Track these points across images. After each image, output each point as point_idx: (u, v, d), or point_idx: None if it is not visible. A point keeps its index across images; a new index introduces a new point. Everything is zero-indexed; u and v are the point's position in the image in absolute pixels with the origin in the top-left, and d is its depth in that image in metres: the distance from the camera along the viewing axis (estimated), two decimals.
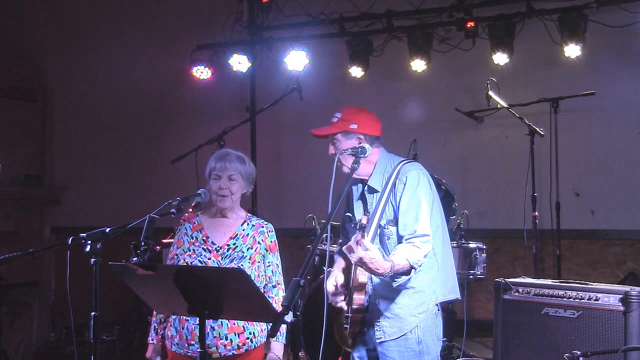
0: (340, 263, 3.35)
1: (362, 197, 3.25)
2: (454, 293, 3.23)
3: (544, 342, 3.55)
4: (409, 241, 3.00)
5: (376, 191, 3.16)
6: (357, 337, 3.27)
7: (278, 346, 3.32)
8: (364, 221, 2.77)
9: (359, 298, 3.06)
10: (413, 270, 2.94)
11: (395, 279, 2.98)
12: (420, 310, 3.09)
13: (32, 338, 6.93)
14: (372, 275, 3.11)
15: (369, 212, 3.13)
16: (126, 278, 2.70)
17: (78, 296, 2.90)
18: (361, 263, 2.79)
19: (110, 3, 7.58)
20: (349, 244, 2.86)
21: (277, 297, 3.33)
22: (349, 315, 3.19)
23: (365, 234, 2.79)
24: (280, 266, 3.42)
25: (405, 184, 3.07)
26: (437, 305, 3.14)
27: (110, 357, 5.78)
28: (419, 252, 2.95)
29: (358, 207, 3.27)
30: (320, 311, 2.93)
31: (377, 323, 3.13)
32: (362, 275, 3.01)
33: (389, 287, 3.09)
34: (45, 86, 7.90)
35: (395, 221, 3.07)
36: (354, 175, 3.19)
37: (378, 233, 3.10)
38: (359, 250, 2.76)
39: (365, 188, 3.21)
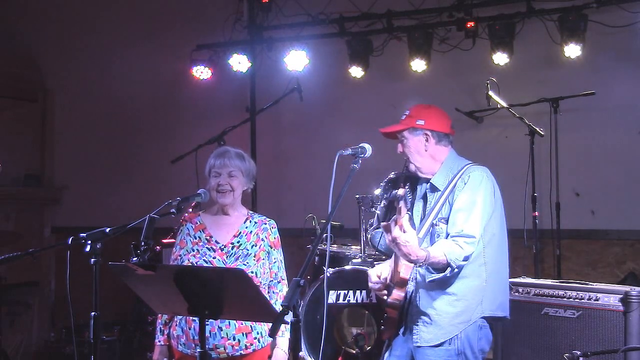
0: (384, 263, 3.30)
1: (424, 197, 3.17)
2: (503, 310, 3.10)
3: (544, 342, 3.55)
4: (453, 239, 2.90)
5: (438, 190, 3.08)
6: (391, 340, 3.18)
7: (283, 341, 3.33)
8: (400, 192, 2.66)
9: (397, 294, 2.98)
10: (449, 269, 2.84)
11: (430, 273, 2.89)
12: (461, 320, 2.98)
13: (32, 338, 6.93)
14: (417, 273, 3.03)
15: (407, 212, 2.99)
16: (126, 278, 2.70)
17: (78, 296, 2.90)
18: (394, 244, 2.69)
19: (110, 3, 7.58)
20: (387, 222, 2.75)
21: (281, 293, 3.36)
22: (386, 313, 3.12)
23: (403, 214, 2.68)
24: (283, 262, 3.45)
25: (466, 183, 3.00)
26: (483, 318, 3.02)
27: (110, 357, 5.78)
28: (460, 251, 2.84)
29: (418, 206, 3.20)
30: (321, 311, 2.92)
31: (415, 327, 3.04)
32: (404, 271, 2.93)
33: (432, 290, 3.00)
34: (45, 86, 7.90)
35: (447, 219, 2.98)
36: (420, 175, 3.16)
37: (430, 231, 3.02)
38: (395, 230, 2.67)
39: (428, 186, 3.13)
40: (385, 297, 3.13)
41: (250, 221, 3.39)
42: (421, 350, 3.03)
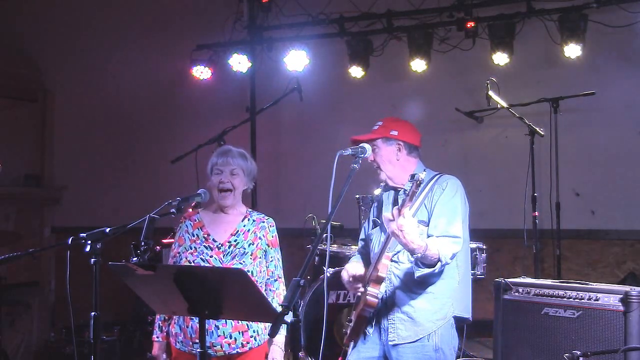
0: (356, 263, 3.35)
1: (395, 203, 3.24)
2: (467, 312, 3.22)
3: (544, 342, 3.54)
4: (440, 238, 2.98)
5: None
6: (357, 342, 3.21)
7: (279, 337, 3.35)
8: (422, 176, 2.67)
9: (373, 291, 3.01)
10: (439, 264, 2.90)
11: (419, 267, 2.93)
12: (438, 317, 3.07)
13: (32, 338, 6.93)
14: (391, 274, 3.10)
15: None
16: (126, 278, 2.70)
17: (78, 296, 2.90)
18: (399, 232, 2.74)
19: (110, 3, 7.58)
20: (390, 211, 2.80)
21: (278, 291, 3.39)
22: (351, 317, 3.15)
23: (410, 204, 2.73)
24: (280, 260, 3.47)
25: (444, 190, 3.10)
26: (453, 317, 3.12)
27: (110, 357, 5.78)
28: (449, 249, 2.94)
29: (388, 211, 3.21)
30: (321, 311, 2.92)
31: (391, 325, 3.10)
32: (382, 270, 2.98)
33: (408, 288, 3.07)
34: (45, 86, 7.91)
35: (426, 223, 3.07)
36: (390, 184, 3.24)
37: None
38: (400, 219, 2.72)
39: (402, 192, 3.21)
40: (359, 293, 3.19)
41: (249, 219, 3.40)
42: (398, 349, 3.08)
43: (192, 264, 3.24)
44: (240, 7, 6.81)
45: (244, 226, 3.37)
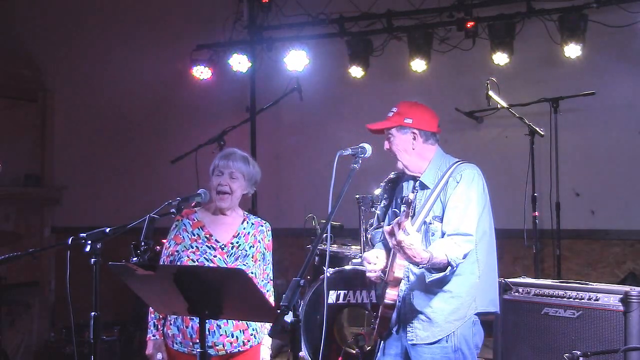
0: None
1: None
2: (494, 306, 3.12)
3: (544, 342, 3.55)
4: (451, 237, 2.90)
5: (427, 188, 3.06)
6: (384, 339, 3.18)
7: (266, 338, 3.40)
8: (411, 197, 2.61)
9: (391, 293, 2.98)
10: (450, 267, 2.84)
11: (430, 273, 2.89)
12: (456, 317, 2.99)
13: (32, 338, 6.92)
14: (409, 272, 3.04)
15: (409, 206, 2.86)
16: (126, 278, 2.70)
17: (78, 296, 2.90)
18: (399, 247, 2.67)
19: (110, 3, 7.58)
20: (391, 225, 2.71)
21: (269, 292, 3.43)
22: (378, 313, 3.11)
23: (409, 217, 2.65)
24: (271, 262, 3.49)
25: (458, 182, 2.98)
26: (476, 314, 3.04)
27: (110, 357, 5.78)
28: (459, 250, 2.85)
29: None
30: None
31: (410, 324, 3.05)
32: (398, 270, 2.94)
33: (426, 288, 3.00)
34: (45, 86, 7.91)
35: (441, 218, 2.98)
36: (407, 172, 3.16)
37: (422, 229, 3.01)
38: (399, 234, 2.64)
39: (417, 184, 3.12)
40: (378, 280, 3.12)
41: (247, 222, 3.41)
42: (417, 348, 3.04)
43: (196, 263, 3.24)
44: (240, 7, 6.81)
45: (244, 229, 3.38)
